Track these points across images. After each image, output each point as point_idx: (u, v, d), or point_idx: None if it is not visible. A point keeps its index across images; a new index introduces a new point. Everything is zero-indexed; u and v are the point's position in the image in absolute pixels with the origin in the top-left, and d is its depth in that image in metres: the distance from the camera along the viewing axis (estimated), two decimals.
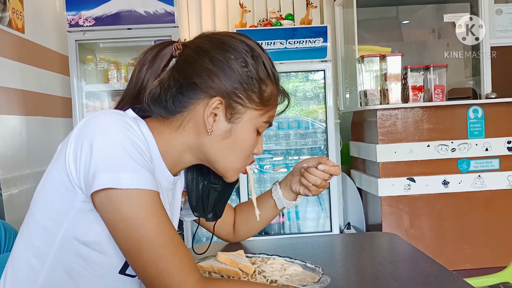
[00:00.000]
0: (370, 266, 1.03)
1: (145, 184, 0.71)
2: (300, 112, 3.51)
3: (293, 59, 3.22)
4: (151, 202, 0.71)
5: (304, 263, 0.98)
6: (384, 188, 3.03)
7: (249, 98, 0.83)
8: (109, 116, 0.75)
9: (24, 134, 2.63)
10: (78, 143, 0.72)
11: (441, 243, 3.08)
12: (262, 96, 0.85)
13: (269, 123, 0.90)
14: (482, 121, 3.02)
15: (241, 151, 0.86)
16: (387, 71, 3.07)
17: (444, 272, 0.95)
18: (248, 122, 0.84)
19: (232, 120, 0.83)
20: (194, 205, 0.98)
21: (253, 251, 1.05)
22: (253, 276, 0.90)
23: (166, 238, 0.70)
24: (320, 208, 3.54)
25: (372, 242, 1.32)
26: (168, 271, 0.69)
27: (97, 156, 0.70)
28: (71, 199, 0.74)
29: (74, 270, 0.77)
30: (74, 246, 0.76)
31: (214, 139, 0.84)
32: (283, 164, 3.53)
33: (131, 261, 0.72)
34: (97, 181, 0.69)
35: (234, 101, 0.83)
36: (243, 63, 0.83)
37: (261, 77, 0.85)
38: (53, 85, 3.12)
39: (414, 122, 3.03)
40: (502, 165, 3.04)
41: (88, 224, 0.75)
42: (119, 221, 0.70)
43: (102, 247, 0.76)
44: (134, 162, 0.71)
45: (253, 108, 0.84)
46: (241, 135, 0.85)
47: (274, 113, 0.91)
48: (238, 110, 0.83)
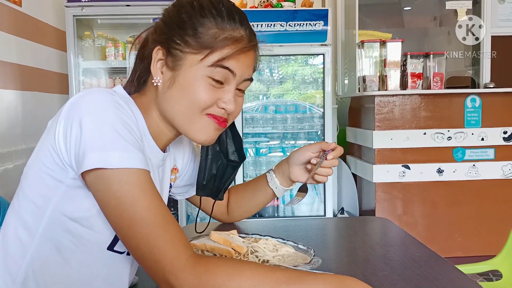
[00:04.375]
0: (361, 250, 1.04)
1: (135, 163, 0.71)
2: (298, 97, 3.50)
3: (293, 42, 3.19)
4: (141, 181, 0.71)
5: (296, 245, 0.98)
6: (379, 175, 3.05)
7: (185, 41, 0.80)
8: (99, 94, 0.74)
9: (19, 109, 2.61)
10: (68, 122, 0.72)
11: (433, 230, 3.11)
12: (200, 38, 0.79)
13: (224, 67, 0.80)
14: (479, 110, 3.03)
15: (189, 98, 0.80)
16: (387, 57, 3.06)
17: (434, 257, 0.96)
18: (190, 67, 0.80)
19: (175, 68, 0.81)
20: (204, 184, 0.98)
21: (247, 231, 1.05)
22: (246, 256, 0.90)
23: (158, 215, 0.70)
24: (315, 193, 3.56)
25: (364, 226, 1.33)
26: (160, 248, 0.69)
27: (87, 135, 0.70)
28: (61, 175, 0.74)
29: (62, 245, 0.77)
30: (63, 221, 0.76)
31: (163, 91, 0.83)
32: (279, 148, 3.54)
33: (123, 238, 0.72)
34: (87, 161, 0.69)
35: (172, 47, 0.81)
36: (179, 6, 0.83)
37: (197, 18, 0.80)
38: (49, 60, 3.08)
39: (411, 110, 3.03)
40: (497, 155, 3.05)
41: (77, 200, 0.75)
42: (110, 200, 0.70)
43: (91, 223, 0.76)
44: (124, 141, 0.71)
45: (192, 53, 0.80)
46: (185, 81, 0.80)
47: (228, 57, 0.80)
48: (178, 57, 0.81)
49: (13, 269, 0.79)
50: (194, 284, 0.67)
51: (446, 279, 0.83)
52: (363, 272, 0.88)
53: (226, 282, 0.67)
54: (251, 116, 3.45)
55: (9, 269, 0.79)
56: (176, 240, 0.70)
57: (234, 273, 0.68)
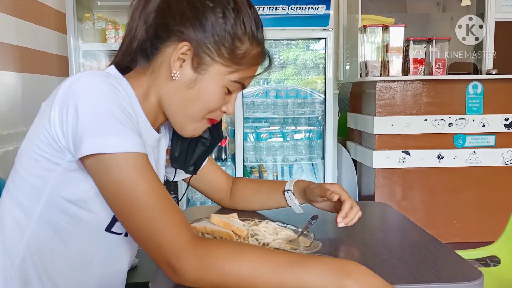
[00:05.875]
0: (361, 234, 1.04)
1: (133, 146, 0.70)
2: (299, 82, 3.48)
3: (295, 26, 3.16)
4: (140, 164, 0.71)
5: (296, 228, 0.99)
6: (379, 160, 3.05)
7: (219, 51, 0.80)
8: (94, 78, 0.73)
9: (19, 91, 2.60)
10: (64, 107, 0.71)
11: (432, 216, 3.12)
12: (234, 53, 0.81)
13: (241, 83, 0.85)
14: (481, 97, 3.01)
15: (203, 104, 0.83)
16: (389, 43, 3.03)
17: (433, 242, 0.96)
18: (214, 76, 0.81)
19: (198, 71, 0.81)
20: (176, 156, 0.97)
21: (247, 215, 1.06)
22: (246, 239, 0.90)
23: (157, 198, 0.70)
24: (315, 178, 3.56)
25: (364, 211, 1.32)
26: (160, 231, 0.69)
27: (84, 120, 0.69)
28: (58, 159, 0.74)
29: (60, 226, 0.77)
30: (60, 203, 0.76)
31: (179, 87, 0.82)
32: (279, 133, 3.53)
33: (123, 222, 0.72)
34: (85, 146, 0.69)
35: (203, 51, 0.80)
36: (221, 14, 0.79)
37: (237, 33, 0.81)
38: (49, 42, 3.06)
39: (413, 96, 3.01)
40: (497, 141, 3.05)
41: (75, 182, 0.75)
42: (109, 184, 0.70)
43: (88, 204, 0.76)
44: (121, 125, 0.70)
45: (221, 63, 0.81)
46: (206, 88, 0.82)
47: (250, 75, 0.86)
48: (205, 61, 0.80)
49: (10, 251, 0.79)
50: (195, 265, 0.67)
51: (445, 263, 0.84)
52: (363, 256, 0.89)
53: (227, 263, 0.67)
54: (251, 101, 3.43)
55: (7, 251, 0.79)
56: (176, 222, 0.70)
57: (235, 255, 0.68)
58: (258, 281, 0.66)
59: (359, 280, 0.64)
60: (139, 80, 0.85)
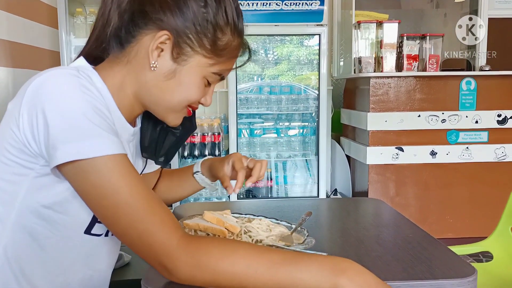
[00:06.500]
0: (354, 230, 1.04)
1: (111, 148, 0.67)
2: (293, 78, 3.47)
3: (289, 21, 3.15)
4: (120, 166, 0.68)
5: (290, 225, 0.98)
6: (373, 157, 3.05)
7: (200, 42, 0.77)
8: (61, 80, 0.69)
9: (10, 87, 2.57)
10: (32, 113, 0.67)
11: (425, 212, 3.14)
12: (216, 44, 0.78)
13: (220, 75, 0.83)
14: (474, 93, 3.02)
15: (183, 96, 0.80)
16: (383, 39, 3.03)
17: (427, 238, 0.96)
18: (195, 67, 0.78)
19: (178, 61, 0.77)
20: (146, 146, 0.93)
21: (240, 211, 1.05)
22: (239, 236, 0.90)
23: (142, 199, 0.68)
24: (308, 174, 3.56)
25: (357, 207, 1.33)
26: (149, 232, 0.67)
27: (54, 126, 0.66)
28: (30, 163, 0.71)
29: (37, 231, 0.75)
30: (35, 208, 0.73)
31: (158, 78, 0.78)
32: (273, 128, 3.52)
33: (109, 226, 0.70)
34: (59, 154, 0.65)
35: (183, 41, 0.76)
36: (202, 2, 0.76)
37: (219, 23, 0.77)
38: (41, 37, 3.03)
39: (406, 92, 3.02)
40: (490, 137, 3.06)
41: (49, 186, 0.72)
42: (90, 190, 0.68)
43: (65, 208, 0.74)
44: (96, 127, 0.67)
45: (202, 55, 0.78)
46: (186, 79, 0.79)
47: (230, 67, 0.83)
48: (186, 52, 0.77)
49: None
50: (187, 263, 0.66)
51: (439, 260, 0.84)
52: (357, 253, 0.89)
53: (220, 261, 0.66)
54: (245, 97, 3.42)
55: None
56: (164, 222, 0.68)
57: (228, 253, 0.67)
58: (251, 279, 0.65)
59: (353, 278, 0.63)
60: (112, 70, 0.80)
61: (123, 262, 1.49)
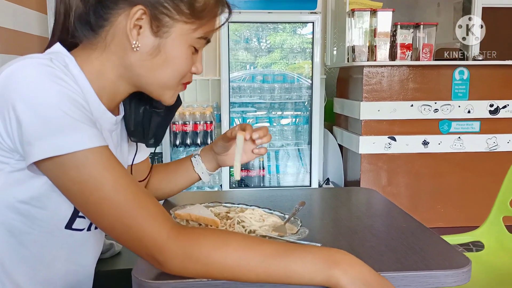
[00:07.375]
0: (347, 220, 1.03)
1: (90, 141, 0.63)
2: (286, 67, 3.45)
3: (282, 8, 3.12)
4: (101, 159, 0.64)
5: (283, 215, 0.97)
6: (365, 146, 3.05)
7: (177, 9, 0.73)
8: (31, 70, 0.64)
9: None
10: (3, 109, 0.63)
11: (416, 201, 3.15)
12: (193, 7, 0.74)
13: (206, 39, 0.79)
14: (467, 83, 3.02)
15: (174, 69, 0.77)
16: (377, 27, 3.01)
17: (420, 228, 0.96)
18: (178, 37, 0.75)
19: (160, 35, 0.74)
20: (133, 130, 0.89)
21: (233, 201, 1.04)
22: (232, 226, 0.89)
23: (127, 193, 0.65)
24: (301, 163, 3.56)
25: (350, 197, 1.32)
26: (138, 226, 0.65)
27: (27, 121, 0.62)
28: (4, 158, 0.68)
29: (15, 227, 0.72)
30: (12, 204, 0.70)
31: (142, 57, 0.75)
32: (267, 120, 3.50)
33: (95, 221, 0.68)
34: (36, 150, 0.62)
35: (160, 12, 0.72)
36: None
37: None
38: (29, 23, 2.97)
39: (399, 81, 3.01)
40: (482, 127, 3.07)
41: (26, 180, 0.69)
42: (71, 186, 0.64)
43: (43, 202, 0.71)
44: (72, 120, 0.63)
45: (183, 22, 0.74)
46: (172, 51, 0.75)
47: (213, 28, 0.80)
48: (165, 23, 0.73)
49: None
50: (178, 255, 0.65)
51: (432, 250, 0.83)
52: (350, 243, 0.88)
53: (212, 253, 0.65)
54: (238, 86, 3.39)
55: None
56: (153, 214, 0.66)
57: (220, 244, 0.66)
58: (244, 271, 0.64)
59: (347, 270, 0.63)
60: (89, 57, 0.76)
61: (113, 251, 1.47)
